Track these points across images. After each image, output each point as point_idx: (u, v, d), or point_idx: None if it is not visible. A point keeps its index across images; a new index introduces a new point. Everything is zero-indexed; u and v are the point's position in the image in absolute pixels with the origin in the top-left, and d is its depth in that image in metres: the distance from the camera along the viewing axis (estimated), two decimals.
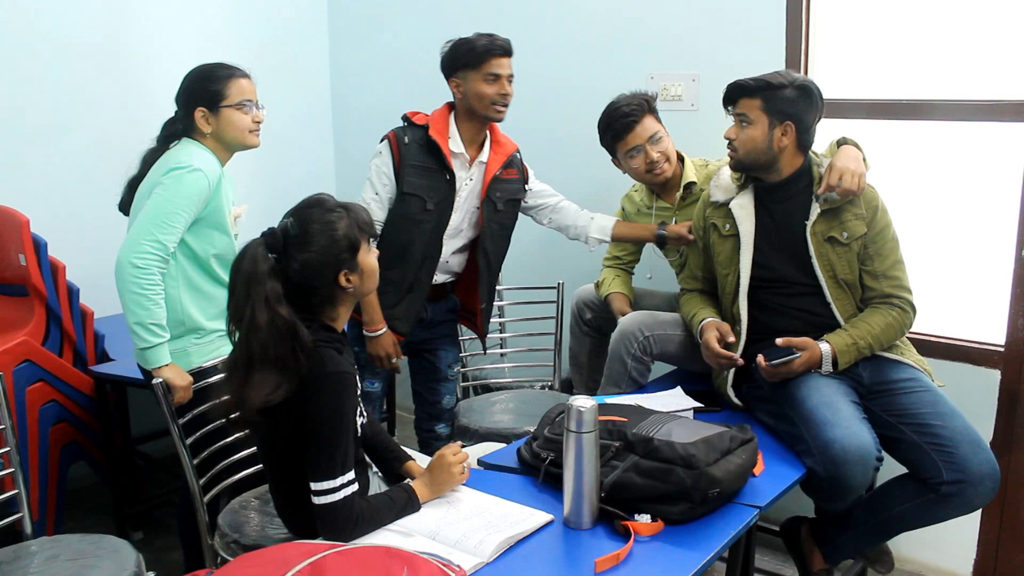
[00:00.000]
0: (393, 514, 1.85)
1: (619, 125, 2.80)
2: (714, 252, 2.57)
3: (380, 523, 1.82)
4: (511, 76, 2.73)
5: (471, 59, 2.69)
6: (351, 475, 1.79)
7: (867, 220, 2.39)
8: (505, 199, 2.85)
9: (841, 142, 2.46)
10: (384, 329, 2.73)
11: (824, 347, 2.34)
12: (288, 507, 1.97)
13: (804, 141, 2.41)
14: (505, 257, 2.98)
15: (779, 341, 2.35)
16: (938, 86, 2.80)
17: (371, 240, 1.91)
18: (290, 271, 1.81)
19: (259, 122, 2.49)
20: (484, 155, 2.81)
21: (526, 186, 2.91)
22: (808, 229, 2.40)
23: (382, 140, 2.77)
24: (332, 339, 1.87)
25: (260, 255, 1.79)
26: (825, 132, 2.51)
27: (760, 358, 2.34)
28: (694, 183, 2.86)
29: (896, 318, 2.38)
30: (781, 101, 2.35)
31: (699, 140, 2.95)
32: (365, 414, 2.01)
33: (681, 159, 2.90)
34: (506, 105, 2.73)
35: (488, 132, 2.83)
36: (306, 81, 4.30)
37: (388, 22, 4.11)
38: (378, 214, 2.73)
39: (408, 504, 1.88)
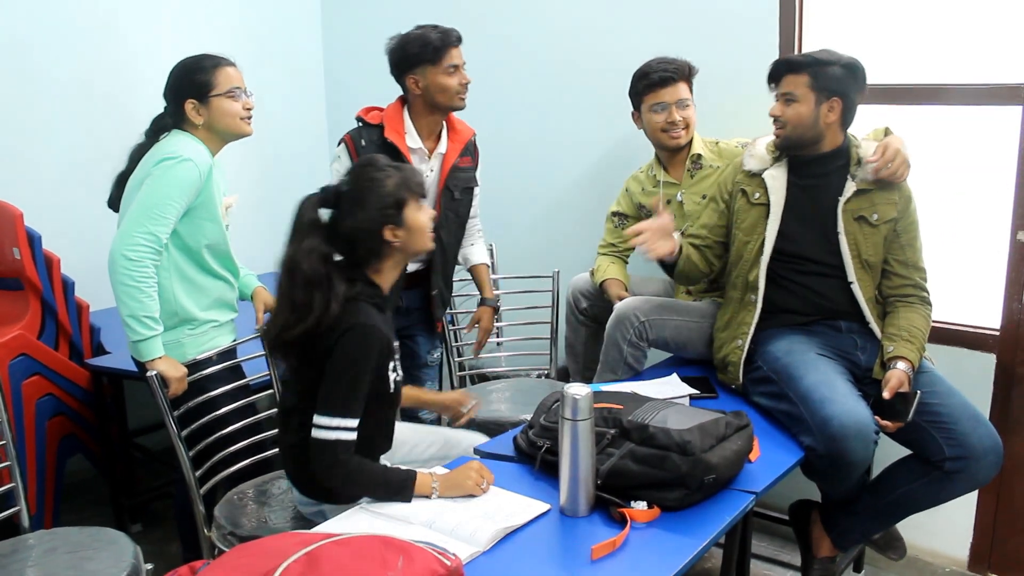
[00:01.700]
0: (381, 486, 1.90)
1: (656, 78, 2.83)
2: (738, 218, 2.55)
3: (363, 484, 1.90)
4: (464, 63, 2.78)
5: (429, 54, 2.72)
6: (351, 423, 1.89)
7: (900, 208, 2.40)
8: (461, 187, 2.90)
9: (887, 131, 2.47)
10: None
11: (902, 365, 2.29)
12: (295, 459, 2.05)
13: (848, 119, 2.41)
14: (460, 245, 3.05)
15: (886, 395, 2.24)
16: (932, 70, 2.79)
17: (421, 199, 2.03)
18: (341, 225, 1.97)
19: (250, 109, 2.48)
20: (442, 146, 2.85)
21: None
22: (840, 205, 2.40)
23: (339, 143, 2.81)
24: (374, 295, 2.00)
25: (311, 206, 1.96)
26: None
27: (888, 424, 2.22)
28: (701, 155, 2.87)
29: (929, 313, 2.42)
30: (828, 78, 2.34)
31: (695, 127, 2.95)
32: (399, 372, 2.08)
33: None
34: (466, 94, 2.78)
35: (444, 121, 2.86)
36: (299, 72, 4.27)
37: (382, 11, 4.09)
38: None
39: (402, 484, 1.89)
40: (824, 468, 2.20)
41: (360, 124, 2.82)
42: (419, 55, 2.73)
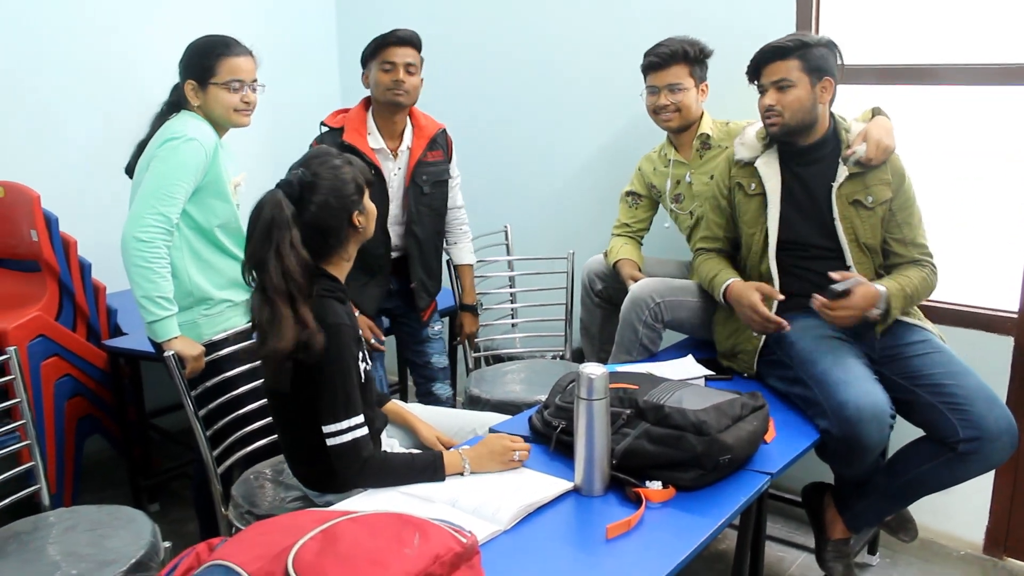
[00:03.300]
0: (411, 474, 1.90)
1: (647, 62, 2.86)
2: (740, 212, 2.55)
3: (393, 476, 1.90)
4: (411, 64, 2.82)
5: (370, 49, 2.84)
6: (358, 419, 1.89)
7: (894, 187, 2.39)
8: (432, 181, 2.96)
9: (876, 111, 2.47)
10: (356, 315, 2.83)
11: (881, 288, 2.30)
12: (295, 457, 2.09)
13: (834, 98, 2.41)
14: (442, 237, 3.10)
15: (834, 275, 2.29)
16: (951, 50, 2.76)
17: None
18: (308, 216, 1.92)
19: (248, 102, 2.49)
20: (407, 142, 2.91)
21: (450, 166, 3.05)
22: (834, 191, 2.39)
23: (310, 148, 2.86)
24: (335, 288, 1.98)
25: (282, 202, 1.88)
26: (840, 98, 2.49)
27: (816, 297, 2.29)
28: (709, 136, 2.86)
29: (928, 276, 2.40)
30: (817, 58, 2.33)
31: (710, 107, 2.93)
32: (368, 360, 2.08)
33: (701, 112, 2.91)
34: (403, 91, 2.81)
35: (409, 118, 2.94)
36: (313, 59, 4.27)
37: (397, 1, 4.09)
38: None
39: (430, 468, 1.91)
40: (839, 451, 2.20)
41: (325, 130, 2.91)
42: (365, 51, 2.86)
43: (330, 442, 1.88)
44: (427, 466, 1.91)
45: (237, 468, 2.39)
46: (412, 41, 2.84)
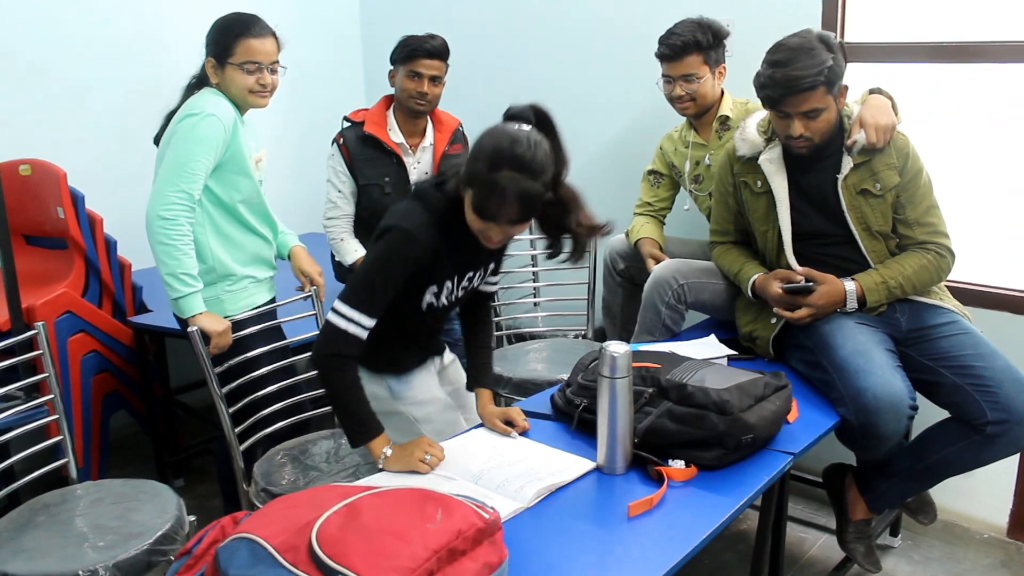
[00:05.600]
0: (351, 416, 1.89)
1: (659, 52, 2.84)
2: (748, 209, 2.52)
3: (338, 400, 1.91)
4: (435, 77, 3.01)
5: (401, 55, 3.01)
6: (363, 319, 1.86)
7: (899, 168, 2.34)
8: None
9: (874, 91, 2.41)
10: None
11: (848, 284, 2.32)
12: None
13: None
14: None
15: (799, 269, 2.37)
16: (979, 27, 2.72)
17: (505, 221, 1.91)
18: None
19: (265, 84, 2.48)
20: (428, 139, 3.09)
21: None
22: (840, 183, 2.35)
23: (333, 143, 3.07)
24: (442, 206, 1.94)
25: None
26: (865, 78, 2.45)
27: (776, 284, 2.37)
28: (729, 117, 2.84)
29: (931, 261, 2.34)
30: (834, 74, 2.24)
31: (734, 85, 2.90)
32: (444, 300, 2.02)
33: (721, 93, 2.88)
34: (425, 102, 3.01)
35: (428, 115, 3.09)
36: (337, 39, 4.27)
37: None
38: (346, 208, 3.08)
39: (361, 430, 1.88)
40: (857, 438, 2.19)
41: (347, 124, 3.07)
42: (396, 53, 3.03)
43: (328, 315, 1.87)
44: (360, 427, 1.88)
45: (261, 446, 2.41)
46: (441, 54, 3.00)
